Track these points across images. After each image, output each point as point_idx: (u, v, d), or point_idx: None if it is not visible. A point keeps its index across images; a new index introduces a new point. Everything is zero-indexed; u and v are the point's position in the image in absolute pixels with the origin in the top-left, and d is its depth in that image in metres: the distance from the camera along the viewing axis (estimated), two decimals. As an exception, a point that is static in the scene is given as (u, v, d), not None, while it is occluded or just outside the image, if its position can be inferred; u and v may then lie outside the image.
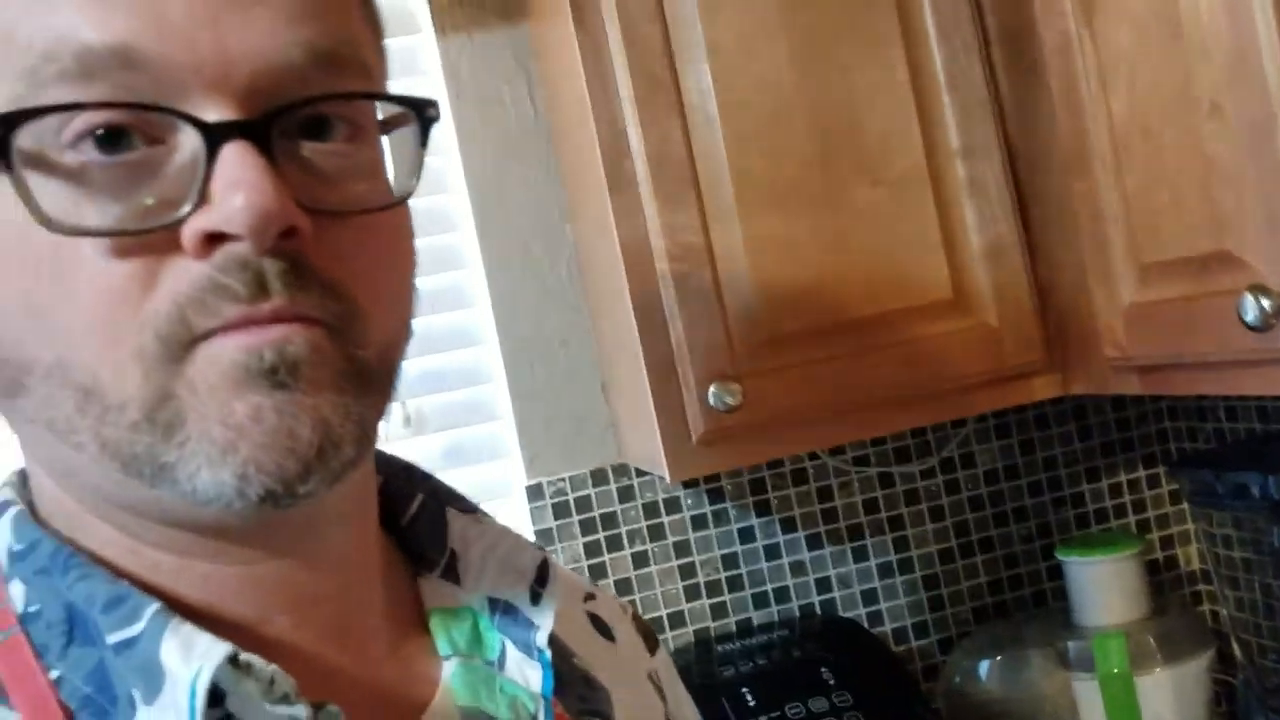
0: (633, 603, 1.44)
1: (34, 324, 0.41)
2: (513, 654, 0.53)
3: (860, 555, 1.50)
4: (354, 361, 0.43)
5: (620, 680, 0.59)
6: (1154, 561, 1.54)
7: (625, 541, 1.46)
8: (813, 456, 1.49)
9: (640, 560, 1.46)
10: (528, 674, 0.52)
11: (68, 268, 0.40)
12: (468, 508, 0.57)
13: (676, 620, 1.47)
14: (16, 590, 0.46)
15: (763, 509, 1.49)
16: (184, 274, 0.40)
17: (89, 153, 0.40)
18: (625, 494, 1.47)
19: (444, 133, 1.46)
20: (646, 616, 1.43)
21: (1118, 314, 1.07)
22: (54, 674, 0.44)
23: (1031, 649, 1.38)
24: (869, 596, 1.50)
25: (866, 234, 1.16)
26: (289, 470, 0.41)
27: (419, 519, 0.56)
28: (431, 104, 0.46)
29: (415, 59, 1.46)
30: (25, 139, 0.39)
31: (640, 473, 1.46)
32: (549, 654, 0.52)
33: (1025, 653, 1.37)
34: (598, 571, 1.45)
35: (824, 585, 1.50)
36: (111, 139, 0.40)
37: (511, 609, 0.53)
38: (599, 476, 1.46)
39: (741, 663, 1.34)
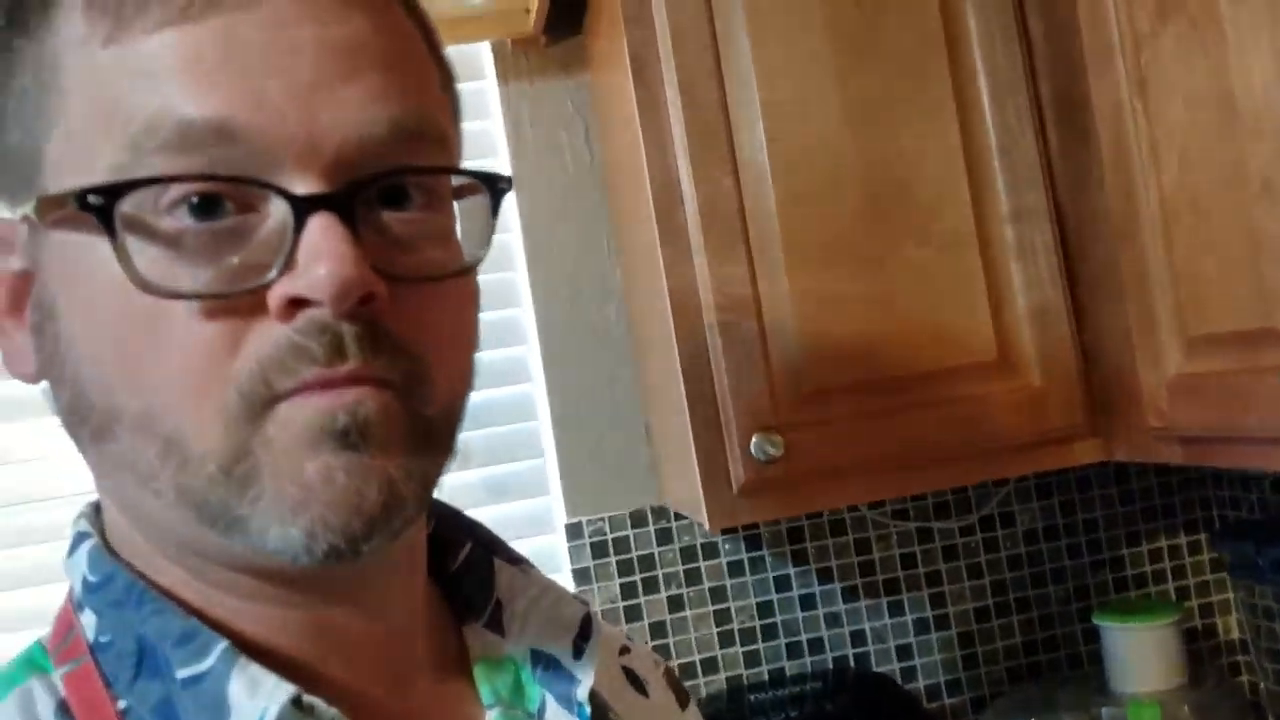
0: (666, 647, 1.45)
1: (125, 376, 0.43)
2: (552, 706, 0.54)
3: (896, 610, 1.50)
4: (420, 421, 0.45)
5: None
6: (1192, 629, 1.53)
7: (662, 584, 1.47)
8: (851, 509, 1.50)
9: (676, 604, 1.48)
10: None
11: (160, 326, 0.42)
12: (515, 558, 0.58)
13: (709, 666, 1.47)
14: (88, 620, 0.48)
15: (800, 559, 1.50)
16: (267, 336, 0.42)
17: (184, 219, 0.42)
18: (664, 537, 1.48)
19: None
20: (680, 661, 1.45)
21: (1162, 383, 1.08)
22: (121, 704, 0.46)
23: (1065, 713, 1.37)
24: (903, 652, 1.50)
25: (913, 293, 1.17)
26: (354, 529, 0.43)
27: (467, 567, 0.57)
28: (504, 179, 0.48)
29: (478, 103, 1.50)
30: (126, 205, 0.42)
31: (679, 516, 1.48)
32: (589, 709, 0.53)
33: (1058, 716, 1.36)
34: (633, 614, 1.46)
35: (858, 638, 1.50)
36: (205, 207, 0.42)
37: (554, 662, 0.55)
38: (638, 518, 1.48)
39: (774, 713, 1.34)
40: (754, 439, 1.14)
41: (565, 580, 1.47)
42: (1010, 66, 1.21)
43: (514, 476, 1.50)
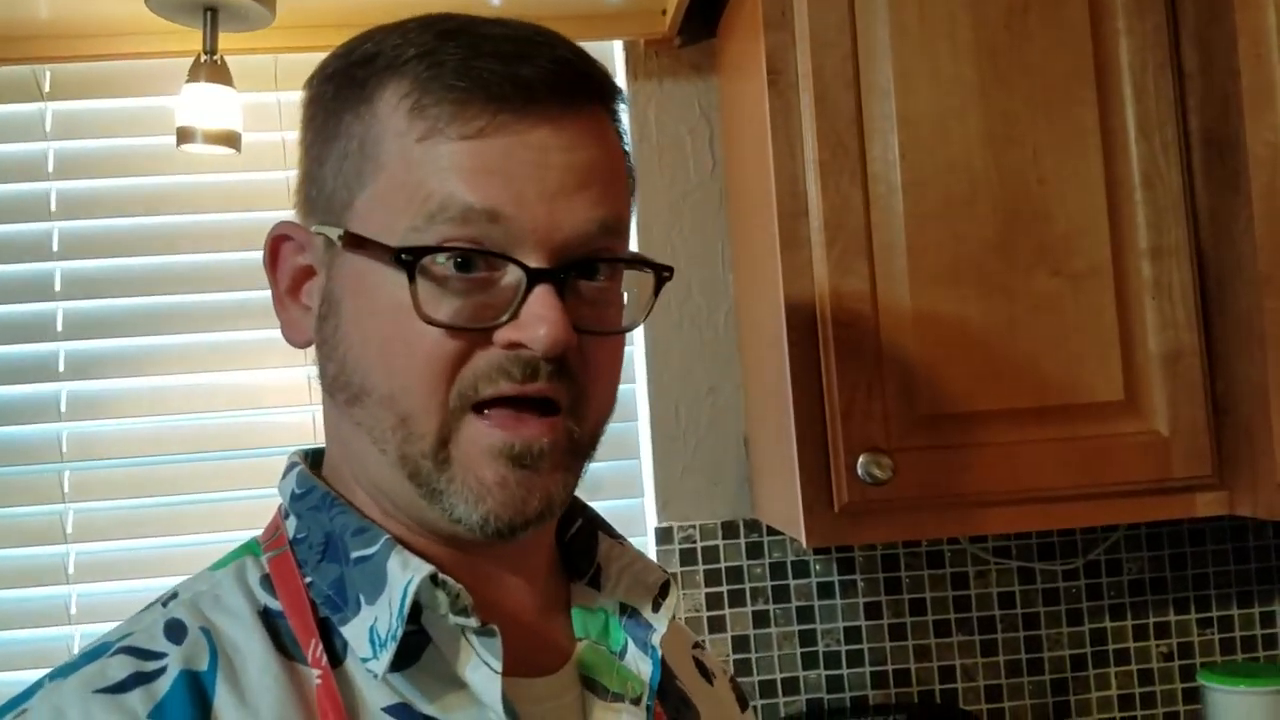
0: (748, 662, 1.43)
1: (382, 366, 0.60)
2: (631, 649, 0.68)
3: (989, 649, 1.46)
4: (574, 440, 0.62)
5: (710, 715, 0.74)
6: (1302, 701, 1.45)
7: (748, 598, 1.45)
8: (951, 540, 1.46)
9: (761, 620, 1.45)
10: (640, 666, 0.67)
11: (415, 338, 0.59)
12: (614, 534, 0.74)
13: (790, 686, 1.45)
14: (290, 523, 0.66)
15: (893, 586, 1.46)
16: (486, 358, 0.60)
17: (450, 269, 0.59)
18: (754, 550, 1.46)
19: (622, 173, 1.49)
20: (760, 678, 1.43)
21: (1300, 439, 1.02)
22: (308, 579, 0.63)
23: (1160, 774, 1.31)
24: (993, 693, 1.46)
25: (1041, 324, 1.14)
26: (517, 523, 0.60)
27: (577, 538, 0.73)
28: (668, 269, 0.66)
29: (604, 99, 1.50)
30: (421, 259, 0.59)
31: (772, 531, 1.45)
32: (660, 651, 0.67)
33: (1153, 777, 1.31)
34: (716, 624, 1.44)
35: (947, 674, 1.46)
36: (466, 264, 0.59)
37: (636, 614, 0.69)
38: (730, 529, 1.46)
39: (853, 740, 1.31)
40: (861, 459, 1.12)
41: (652, 585, 1.45)
42: (1160, 99, 1.16)
43: (609, 474, 1.49)
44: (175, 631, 0.60)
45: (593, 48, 1.57)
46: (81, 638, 1.42)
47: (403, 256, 0.58)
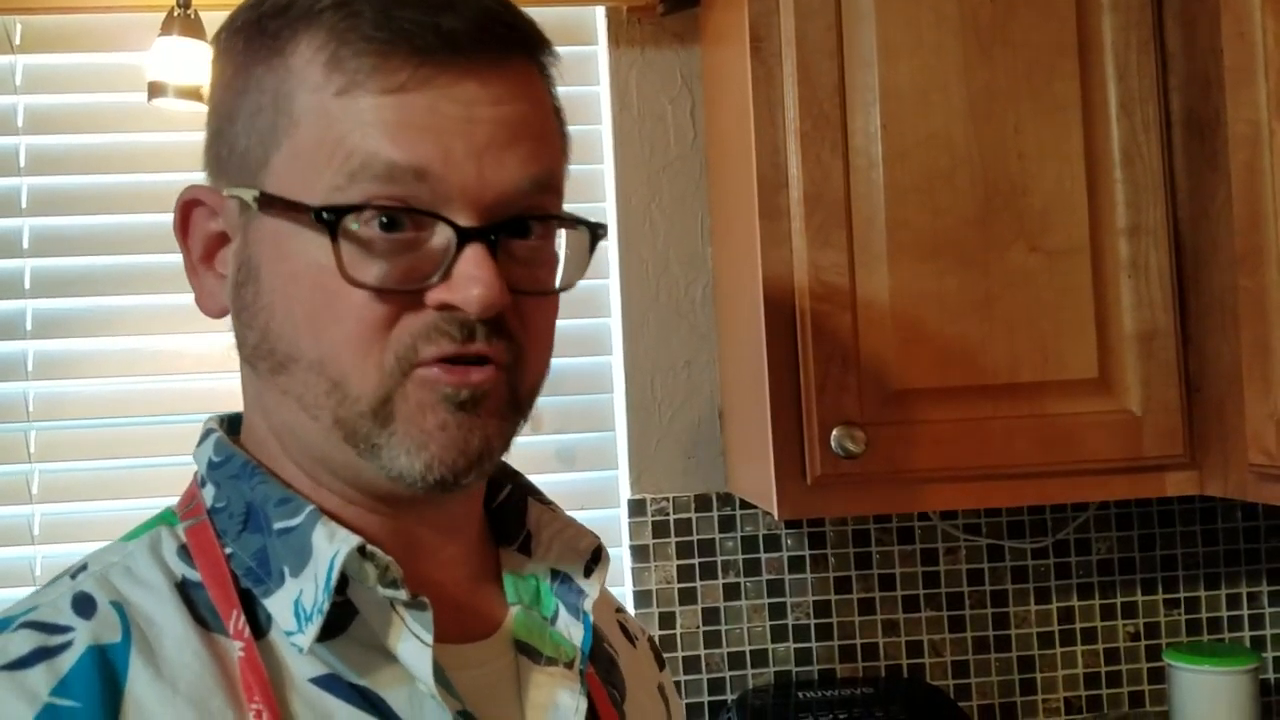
0: (718, 634, 1.43)
1: (310, 331, 0.58)
2: (563, 615, 0.67)
3: (957, 625, 1.46)
4: (515, 394, 0.61)
5: (634, 675, 0.75)
6: (1266, 682, 1.47)
7: (719, 571, 1.45)
8: (922, 517, 1.46)
9: (731, 592, 1.45)
10: (571, 631, 0.67)
11: (343, 302, 0.57)
12: (544, 500, 0.73)
13: (759, 658, 1.45)
14: (208, 491, 0.64)
15: (863, 561, 1.46)
16: (419, 319, 0.57)
17: (375, 229, 0.57)
18: (726, 523, 1.46)
19: (601, 142, 1.48)
20: (730, 650, 1.43)
21: (1270, 420, 1.03)
22: (228, 550, 0.61)
23: (1123, 751, 1.32)
24: (960, 668, 1.46)
25: (1017, 300, 1.13)
26: (460, 466, 0.58)
27: (506, 504, 0.72)
28: (603, 227, 0.65)
29: (587, 68, 1.48)
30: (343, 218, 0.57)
31: (744, 505, 1.45)
32: (591, 616, 0.67)
33: (1116, 754, 1.32)
34: (687, 596, 1.44)
35: (915, 649, 1.46)
36: (393, 223, 0.57)
37: (568, 579, 0.68)
38: (702, 502, 1.46)
39: (820, 713, 1.31)
40: (835, 433, 1.11)
41: (623, 556, 1.45)
42: (1142, 76, 1.16)
43: (583, 446, 1.49)
44: (83, 605, 0.57)
45: (575, 14, 1.56)
46: (45, 599, 1.41)
47: (324, 216, 0.56)
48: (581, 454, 1.48)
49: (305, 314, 0.58)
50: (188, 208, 0.64)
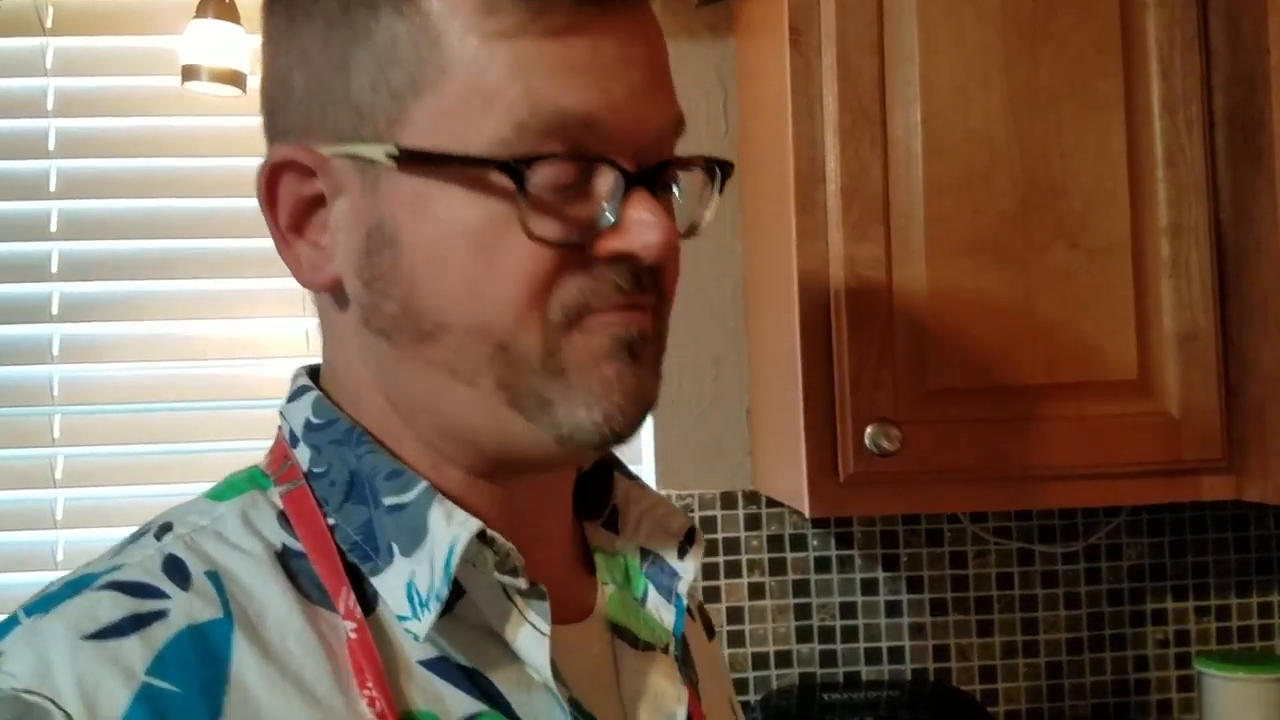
0: (741, 633, 1.42)
1: (464, 296, 0.54)
2: (653, 596, 0.65)
3: (985, 629, 1.45)
4: (660, 345, 0.59)
5: (698, 650, 0.72)
6: (1296, 693, 1.45)
7: (744, 569, 1.44)
8: (952, 519, 1.45)
9: (756, 591, 1.44)
10: (663, 614, 0.64)
11: (510, 262, 0.53)
12: (631, 475, 0.69)
13: (783, 659, 1.43)
14: (303, 454, 0.59)
15: (890, 563, 1.45)
16: (589, 271, 0.55)
17: (548, 180, 0.53)
18: (752, 522, 1.44)
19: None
20: (754, 650, 1.41)
21: (1316, 424, 1.01)
22: (330, 521, 0.57)
23: (1152, 759, 1.30)
24: (987, 673, 1.45)
25: (1056, 299, 1.12)
26: (635, 417, 0.56)
27: (592, 475, 0.68)
28: (729, 164, 0.61)
29: (618, 58, 1.47)
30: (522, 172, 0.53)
31: (771, 503, 1.44)
32: (685, 601, 0.64)
33: (1145, 762, 1.30)
34: (711, 595, 1.43)
35: (941, 653, 1.45)
36: (569, 173, 0.54)
37: (659, 560, 0.66)
38: (728, 499, 1.44)
39: (845, 715, 1.30)
40: (869, 430, 1.10)
41: (648, 552, 1.44)
42: (1187, 74, 1.14)
43: (608, 441, 1.48)
44: (176, 571, 0.53)
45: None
46: (67, 584, 1.40)
47: (514, 165, 0.52)
48: (607, 449, 1.47)
49: (462, 278, 0.54)
50: (276, 171, 0.57)
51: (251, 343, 1.44)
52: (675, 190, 0.60)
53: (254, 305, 1.43)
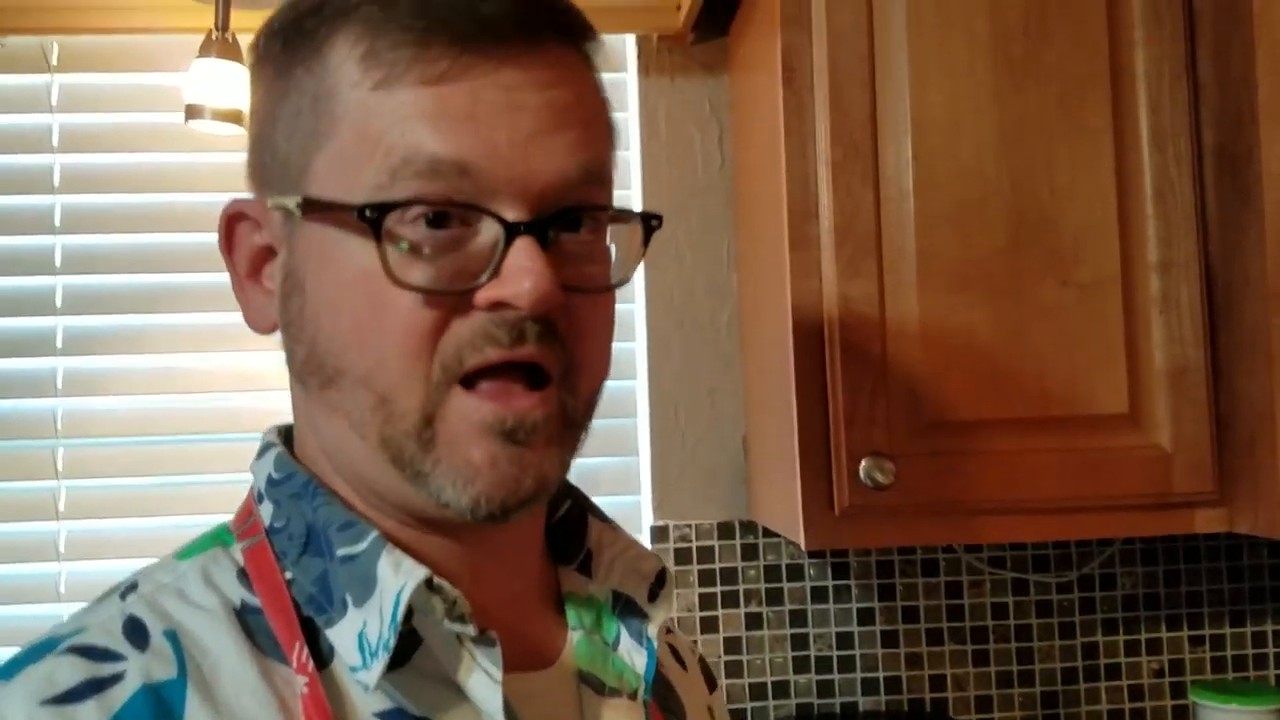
0: (739, 664, 1.42)
1: (357, 342, 0.55)
2: (625, 640, 0.64)
3: (980, 659, 1.45)
4: (568, 413, 0.57)
5: (689, 702, 0.72)
6: (1292, 722, 1.45)
7: (741, 600, 1.45)
8: (947, 549, 1.45)
9: (754, 622, 1.44)
10: (634, 658, 0.64)
11: (390, 308, 0.54)
12: (604, 518, 0.70)
13: (780, 690, 1.44)
14: (266, 509, 0.61)
15: (886, 593, 1.46)
16: (467, 323, 0.54)
17: (420, 228, 0.54)
18: (749, 552, 1.45)
19: (629, 168, 1.49)
20: (751, 681, 1.42)
21: (1305, 458, 1.02)
22: (288, 575, 0.58)
23: (1149, 790, 1.31)
24: (983, 703, 1.45)
25: (1047, 333, 1.13)
26: (510, 505, 0.55)
27: (565, 520, 0.69)
28: (657, 217, 0.61)
29: (615, 95, 1.49)
30: (387, 218, 0.53)
31: (767, 533, 1.45)
32: (655, 643, 0.64)
33: (1141, 792, 1.31)
34: (709, 625, 1.44)
35: (938, 683, 1.45)
36: (438, 220, 0.54)
37: (631, 603, 0.65)
38: (725, 530, 1.45)
39: (842, 745, 1.31)
40: (863, 463, 1.11)
41: (645, 583, 1.45)
42: (1175, 109, 1.16)
43: (606, 470, 1.49)
44: (135, 633, 0.54)
45: (605, 41, 1.57)
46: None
47: (366, 214, 0.52)
48: (605, 478, 1.48)
49: (352, 324, 0.55)
50: (231, 222, 0.62)
51: (254, 376, 1.45)
52: (607, 238, 0.60)
53: (257, 339, 1.43)
